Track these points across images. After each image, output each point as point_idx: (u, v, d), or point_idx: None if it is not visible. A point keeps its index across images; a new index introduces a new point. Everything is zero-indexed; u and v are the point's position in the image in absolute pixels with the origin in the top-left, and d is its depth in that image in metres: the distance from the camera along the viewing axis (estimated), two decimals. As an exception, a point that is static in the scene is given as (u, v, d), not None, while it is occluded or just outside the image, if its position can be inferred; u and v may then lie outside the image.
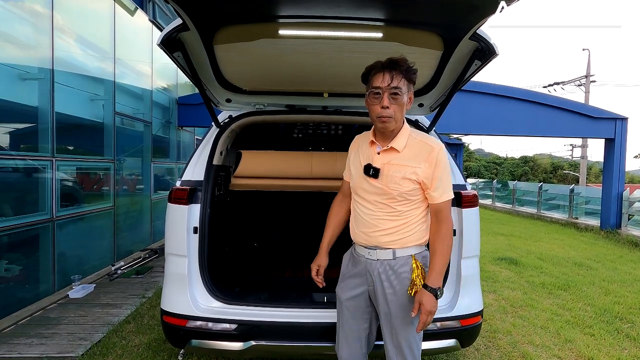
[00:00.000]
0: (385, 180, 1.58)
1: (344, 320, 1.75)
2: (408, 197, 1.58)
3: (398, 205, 1.59)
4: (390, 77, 1.52)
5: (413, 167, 1.57)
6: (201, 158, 2.31)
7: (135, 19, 5.73)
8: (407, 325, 1.62)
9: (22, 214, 3.53)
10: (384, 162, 1.61)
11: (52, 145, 3.78)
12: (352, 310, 1.72)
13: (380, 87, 1.53)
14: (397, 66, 1.52)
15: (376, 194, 1.61)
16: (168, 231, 2.14)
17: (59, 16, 3.88)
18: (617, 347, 3.02)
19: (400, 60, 1.53)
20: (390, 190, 1.57)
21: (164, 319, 2.08)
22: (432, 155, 1.57)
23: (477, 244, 2.21)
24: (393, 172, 1.58)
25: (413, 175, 1.56)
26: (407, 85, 1.55)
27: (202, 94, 2.22)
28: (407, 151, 1.60)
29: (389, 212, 1.60)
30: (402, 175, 1.56)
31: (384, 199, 1.60)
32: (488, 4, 1.42)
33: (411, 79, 1.56)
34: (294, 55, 2.07)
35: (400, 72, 1.52)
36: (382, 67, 1.55)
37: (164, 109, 7.06)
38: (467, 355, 2.79)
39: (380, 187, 1.59)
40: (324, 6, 1.61)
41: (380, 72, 1.54)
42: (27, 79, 3.63)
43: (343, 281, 1.78)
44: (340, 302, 1.76)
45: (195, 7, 1.60)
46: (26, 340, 2.90)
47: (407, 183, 1.56)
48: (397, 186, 1.56)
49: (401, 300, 1.60)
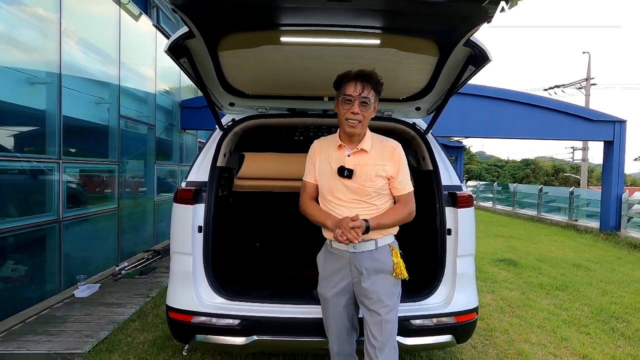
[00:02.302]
0: (360, 179, 1.74)
1: (330, 318, 1.86)
2: (381, 192, 1.77)
3: (373, 200, 1.76)
4: (362, 87, 1.68)
5: (382, 165, 1.76)
6: (205, 160, 2.39)
7: (140, 24, 5.84)
8: (391, 309, 1.76)
9: (30, 214, 3.62)
10: (355, 163, 1.76)
11: (59, 147, 3.87)
12: (338, 305, 1.82)
13: (352, 95, 1.68)
14: (369, 79, 1.70)
15: (352, 192, 1.75)
16: (174, 230, 2.22)
17: (67, 22, 3.98)
18: (612, 345, 3.08)
19: (372, 73, 1.71)
20: (366, 188, 1.73)
21: (169, 314, 2.15)
22: (395, 153, 1.79)
23: (472, 243, 2.28)
24: (366, 171, 1.74)
25: (383, 172, 1.75)
26: (375, 97, 1.73)
27: (207, 98, 2.31)
28: (373, 152, 1.79)
29: (366, 207, 1.75)
30: (375, 173, 1.74)
31: (360, 197, 1.75)
32: (480, 13, 1.50)
33: (378, 91, 1.74)
34: (295, 60, 2.16)
35: (371, 84, 1.70)
36: (355, 77, 1.70)
37: (167, 112, 7.16)
38: (464, 352, 2.86)
39: (355, 186, 1.74)
40: (324, 15, 1.70)
41: (352, 82, 1.70)
42: (36, 83, 3.72)
43: (324, 280, 1.87)
44: (326, 300, 1.85)
45: (201, 16, 1.69)
46: (34, 337, 2.98)
47: (379, 180, 1.75)
48: (372, 183, 1.73)
49: (386, 285, 1.76)
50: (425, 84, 2.37)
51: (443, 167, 2.40)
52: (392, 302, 1.77)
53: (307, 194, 1.91)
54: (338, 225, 1.68)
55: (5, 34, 3.35)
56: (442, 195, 2.29)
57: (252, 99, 2.56)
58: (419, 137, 2.54)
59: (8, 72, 3.39)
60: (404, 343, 2.03)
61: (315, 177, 1.88)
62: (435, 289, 2.20)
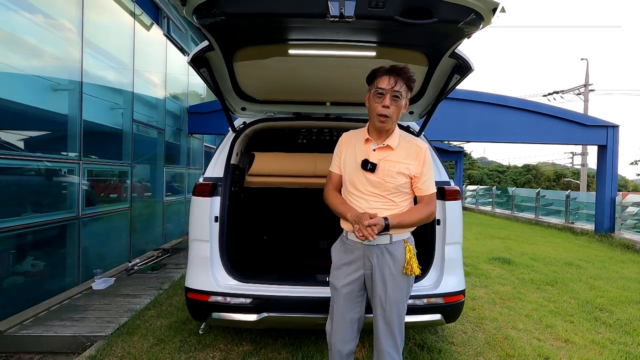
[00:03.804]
0: (382, 174, 1.78)
1: (338, 308, 1.87)
2: (401, 189, 1.81)
3: (392, 196, 1.80)
4: (394, 81, 1.73)
5: (406, 164, 1.80)
6: (220, 158, 2.68)
7: (151, 33, 6.17)
8: (400, 304, 1.82)
9: (53, 210, 3.90)
10: (379, 158, 1.81)
11: (79, 149, 4.16)
12: (348, 296, 1.86)
13: (384, 88, 1.73)
14: (402, 73, 1.73)
15: (372, 186, 1.80)
16: (192, 220, 2.49)
17: (88, 32, 4.29)
18: (594, 332, 3.32)
19: (405, 68, 1.75)
20: (386, 183, 1.78)
21: (188, 295, 2.42)
22: (421, 154, 1.83)
23: (459, 232, 2.54)
24: (389, 167, 1.79)
25: (406, 170, 1.80)
26: (406, 91, 1.77)
27: (222, 103, 2.59)
28: (399, 149, 1.83)
29: (386, 202, 1.80)
30: (397, 170, 1.79)
31: (380, 191, 1.79)
32: (458, 31, 1.77)
33: (410, 87, 1.78)
34: (301, 70, 2.45)
35: (403, 78, 1.74)
36: (388, 71, 1.75)
37: (176, 117, 7.47)
38: (455, 336, 3.10)
39: (377, 180, 1.78)
40: (327, 31, 1.98)
41: (385, 75, 1.74)
42: (59, 90, 4.02)
43: (336, 270, 1.91)
44: (336, 289, 1.88)
45: (221, 32, 1.97)
46: (60, 322, 3.24)
47: (401, 177, 1.79)
48: (393, 179, 1.78)
49: (397, 280, 1.80)
50: (417, 91, 2.65)
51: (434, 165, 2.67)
52: (401, 295, 1.81)
53: (331, 184, 1.95)
54: (357, 220, 1.68)
55: (34, 44, 3.66)
56: None
57: (262, 104, 2.85)
58: None
59: (36, 80, 3.69)
60: (397, 320, 2.27)
61: (340, 168, 1.92)
62: (426, 272, 2.46)
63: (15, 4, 3.40)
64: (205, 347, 2.81)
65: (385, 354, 1.81)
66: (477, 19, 1.61)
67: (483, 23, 1.64)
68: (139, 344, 2.84)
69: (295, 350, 2.75)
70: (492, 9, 1.56)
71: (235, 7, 1.63)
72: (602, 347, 3.01)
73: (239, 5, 1.62)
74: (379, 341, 1.83)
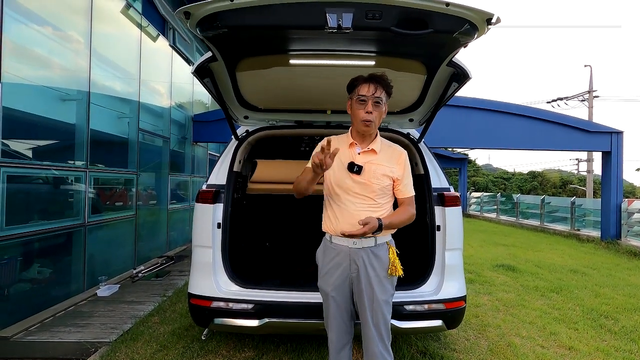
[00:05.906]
0: (368, 175, 1.87)
1: (330, 311, 1.94)
2: (385, 191, 1.90)
3: (378, 197, 1.88)
4: (374, 88, 1.83)
5: (390, 167, 1.91)
6: (223, 166, 2.73)
7: (157, 44, 6.30)
8: (386, 305, 1.88)
9: (60, 218, 3.97)
10: (365, 161, 1.90)
11: (86, 158, 4.24)
12: (338, 299, 1.92)
13: (366, 95, 1.83)
14: (381, 80, 1.85)
15: (359, 188, 1.87)
16: (196, 226, 2.53)
17: (96, 43, 4.40)
18: (598, 339, 3.29)
19: (383, 75, 1.86)
20: (372, 185, 1.86)
21: (191, 301, 2.45)
22: (402, 158, 1.96)
23: (459, 238, 2.55)
24: (374, 169, 1.89)
25: (390, 173, 1.90)
26: (386, 97, 1.88)
27: (225, 112, 2.65)
28: (382, 153, 1.94)
29: (371, 204, 1.87)
30: (382, 173, 1.89)
31: (366, 193, 1.87)
32: (454, 41, 1.82)
33: (389, 93, 1.89)
34: (302, 79, 2.51)
35: (382, 85, 1.85)
36: (367, 79, 1.86)
37: (181, 125, 7.57)
38: (457, 342, 3.09)
39: (363, 182, 1.87)
40: (327, 42, 2.03)
41: (365, 83, 1.85)
42: (67, 100, 4.12)
43: (324, 275, 1.95)
44: (326, 294, 1.94)
45: (223, 43, 2.04)
46: (65, 328, 3.28)
47: (386, 179, 1.89)
48: (379, 181, 1.87)
49: (383, 282, 1.88)
50: (416, 99, 2.69)
51: (433, 172, 2.70)
52: (386, 296, 1.88)
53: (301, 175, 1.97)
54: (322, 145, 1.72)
55: (43, 56, 3.77)
56: (431, 196, 2.58)
57: (264, 113, 2.90)
58: (412, 145, 2.85)
59: (45, 90, 3.79)
60: (398, 326, 2.28)
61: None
62: (426, 278, 2.47)
63: (26, 17, 3.51)
64: (208, 353, 2.82)
65: (378, 355, 1.85)
66: (472, 29, 1.66)
67: (478, 33, 1.69)
68: (142, 350, 2.87)
69: (297, 356, 2.76)
70: (485, 19, 1.61)
71: (237, 20, 1.69)
72: (606, 354, 2.99)
73: (241, 18, 1.68)
74: (370, 343, 1.87)
